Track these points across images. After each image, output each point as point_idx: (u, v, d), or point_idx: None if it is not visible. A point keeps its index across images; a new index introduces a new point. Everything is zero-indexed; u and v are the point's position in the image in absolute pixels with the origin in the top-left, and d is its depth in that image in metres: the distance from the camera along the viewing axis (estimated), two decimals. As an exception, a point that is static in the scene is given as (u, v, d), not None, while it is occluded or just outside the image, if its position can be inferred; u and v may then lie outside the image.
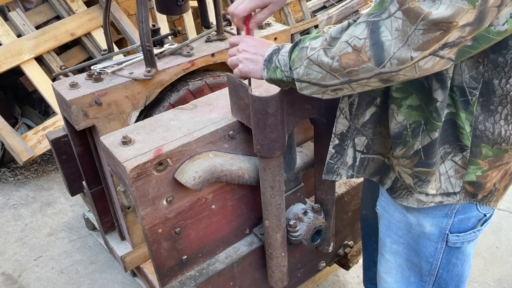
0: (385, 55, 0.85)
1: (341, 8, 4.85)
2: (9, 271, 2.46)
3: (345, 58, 0.90)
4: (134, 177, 1.17)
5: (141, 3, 1.54)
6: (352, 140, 1.20)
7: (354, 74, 0.91)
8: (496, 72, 0.97)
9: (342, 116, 1.18)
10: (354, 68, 0.90)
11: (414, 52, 0.83)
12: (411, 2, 0.80)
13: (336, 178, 1.26)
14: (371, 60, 0.87)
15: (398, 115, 1.07)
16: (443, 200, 1.14)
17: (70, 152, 1.88)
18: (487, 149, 1.06)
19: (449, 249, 1.23)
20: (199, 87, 1.80)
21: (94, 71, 1.66)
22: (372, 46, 0.86)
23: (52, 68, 3.34)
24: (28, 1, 3.51)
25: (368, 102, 1.14)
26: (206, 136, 1.28)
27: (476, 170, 1.09)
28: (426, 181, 1.11)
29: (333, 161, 1.24)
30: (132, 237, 1.90)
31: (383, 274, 1.40)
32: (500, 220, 2.56)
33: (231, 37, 1.28)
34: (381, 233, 1.36)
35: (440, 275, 1.28)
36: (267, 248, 1.47)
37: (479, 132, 1.04)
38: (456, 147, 1.07)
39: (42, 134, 3.16)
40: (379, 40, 0.85)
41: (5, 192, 3.11)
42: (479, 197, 1.13)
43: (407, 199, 1.18)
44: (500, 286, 2.19)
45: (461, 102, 1.01)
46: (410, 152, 1.08)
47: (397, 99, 1.06)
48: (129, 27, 3.62)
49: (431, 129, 1.04)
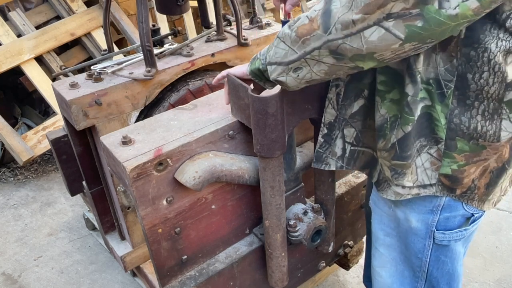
0: (331, 21, 0.88)
1: (341, 8, 4.84)
2: (9, 271, 2.46)
3: (301, 29, 0.95)
4: (134, 177, 1.17)
5: (141, 3, 1.54)
6: (341, 131, 1.23)
7: (307, 43, 0.95)
8: (469, 66, 0.98)
9: (330, 106, 1.22)
10: (306, 36, 0.94)
11: (356, 15, 0.84)
12: None
13: (325, 167, 1.28)
14: (320, 27, 0.90)
15: (382, 108, 1.09)
16: (419, 192, 1.15)
17: (70, 152, 1.88)
18: (462, 143, 1.06)
19: (437, 246, 1.23)
20: (199, 87, 1.80)
21: (94, 71, 1.66)
22: (322, 15, 0.90)
23: (52, 68, 3.34)
24: (28, 1, 3.51)
25: (356, 94, 1.17)
26: (206, 136, 1.28)
27: (451, 163, 1.09)
28: (402, 173, 1.12)
29: (322, 150, 1.27)
30: (132, 237, 1.90)
31: (377, 268, 1.41)
32: (500, 220, 2.56)
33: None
34: (373, 227, 1.37)
35: (430, 272, 1.29)
36: (267, 248, 1.47)
37: (454, 125, 1.05)
38: (431, 139, 1.09)
39: (42, 134, 3.16)
40: (329, 9, 0.88)
41: (5, 192, 3.11)
42: (457, 192, 1.13)
43: (386, 191, 1.20)
44: (500, 286, 2.19)
45: (437, 94, 1.02)
46: (388, 145, 1.11)
47: (381, 91, 1.08)
48: (129, 27, 3.62)
49: (404, 122, 1.05)
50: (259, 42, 1.92)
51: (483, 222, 1.30)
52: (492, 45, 0.94)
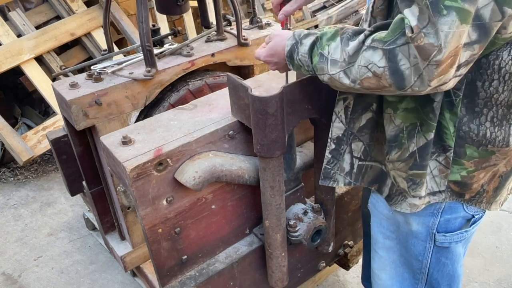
0: (405, 83, 0.89)
1: (341, 8, 4.85)
2: (9, 271, 2.46)
3: (366, 82, 0.94)
4: (134, 177, 1.17)
5: (141, 3, 1.54)
6: (349, 145, 1.20)
7: (376, 92, 0.97)
8: (479, 74, 0.98)
9: (337, 120, 1.18)
10: (375, 90, 0.96)
11: (430, 82, 0.87)
12: (419, 39, 0.83)
13: (333, 184, 1.25)
14: (392, 86, 0.91)
15: (396, 118, 1.08)
16: (430, 200, 1.15)
17: (70, 152, 1.88)
18: (472, 150, 1.07)
19: (438, 248, 1.23)
20: (199, 87, 1.80)
21: (94, 71, 1.66)
22: (392, 75, 0.89)
23: (52, 68, 3.34)
24: (28, 1, 3.51)
25: (364, 108, 1.15)
26: (206, 136, 1.28)
27: (460, 170, 1.10)
28: (420, 183, 1.11)
29: (330, 167, 1.23)
30: (132, 237, 1.90)
31: (377, 270, 1.41)
32: (500, 220, 2.56)
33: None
34: (373, 230, 1.37)
35: (431, 274, 1.29)
36: (267, 248, 1.47)
37: (463, 133, 1.05)
38: (439, 147, 1.08)
39: (42, 134, 3.16)
40: (399, 69, 0.88)
41: (5, 192, 3.11)
42: (466, 197, 1.14)
43: (400, 204, 1.19)
44: (500, 286, 2.19)
45: (445, 102, 1.03)
46: (405, 154, 1.09)
47: (392, 102, 1.07)
48: (129, 27, 3.62)
49: (426, 130, 1.05)
50: (259, 42, 1.92)
51: (483, 222, 1.30)
52: (504, 53, 0.95)
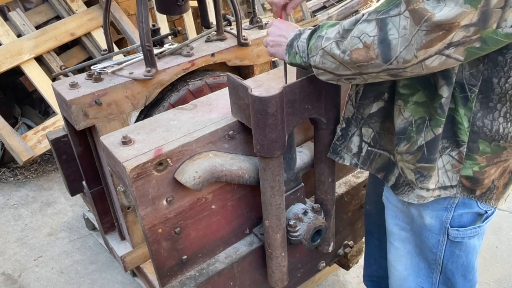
0: (391, 53, 0.88)
1: (341, 8, 4.85)
2: (9, 271, 2.46)
3: (355, 54, 0.94)
4: (134, 177, 1.17)
5: (141, 3, 1.54)
6: (359, 129, 1.25)
7: (363, 68, 0.95)
8: (495, 71, 0.98)
9: (350, 103, 1.25)
10: (363, 63, 0.94)
11: (418, 51, 0.86)
12: (416, 2, 0.82)
13: (339, 161, 1.32)
14: (378, 57, 0.91)
15: (405, 111, 1.09)
16: (440, 193, 1.16)
17: (70, 152, 1.88)
18: (484, 145, 1.07)
19: (451, 242, 1.24)
20: (199, 87, 1.80)
21: (94, 71, 1.66)
22: (379, 44, 0.89)
23: (52, 68, 3.34)
24: (28, 1, 3.51)
25: (376, 96, 1.18)
26: (206, 136, 1.28)
27: (473, 165, 1.10)
28: (428, 176, 1.12)
29: (338, 143, 1.31)
30: (132, 237, 1.90)
31: (393, 262, 1.42)
32: (500, 220, 2.56)
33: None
34: (388, 223, 1.38)
35: (445, 265, 1.30)
36: (267, 248, 1.47)
37: (477, 128, 1.06)
38: (453, 142, 1.09)
39: (42, 134, 3.17)
40: (387, 39, 0.88)
41: (5, 192, 3.11)
42: (477, 193, 1.14)
43: (408, 195, 1.20)
44: (500, 286, 2.19)
45: (460, 98, 1.03)
46: (414, 147, 1.10)
47: (404, 95, 1.08)
48: (129, 27, 3.62)
49: (435, 124, 1.06)
50: (259, 42, 1.92)
51: (483, 222, 1.30)
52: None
